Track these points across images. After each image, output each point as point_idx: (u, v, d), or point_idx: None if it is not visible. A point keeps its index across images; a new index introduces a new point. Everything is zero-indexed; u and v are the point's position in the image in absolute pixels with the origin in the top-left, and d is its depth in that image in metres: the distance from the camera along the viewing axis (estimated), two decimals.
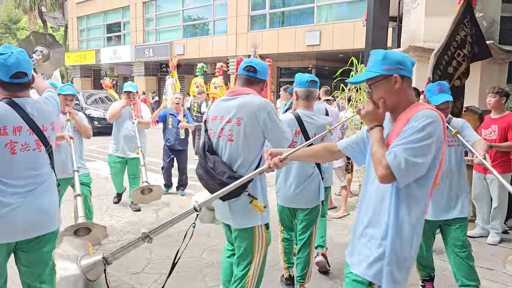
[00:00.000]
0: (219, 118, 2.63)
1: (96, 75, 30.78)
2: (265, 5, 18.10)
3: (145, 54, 23.23)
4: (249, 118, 2.53)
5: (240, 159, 2.57)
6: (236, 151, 2.57)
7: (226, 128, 2.59)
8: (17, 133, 2.25)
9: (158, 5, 23.28)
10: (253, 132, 2.55)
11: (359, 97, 6.28)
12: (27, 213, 2.27)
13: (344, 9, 16.05)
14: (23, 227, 2.27)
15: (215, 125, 2.66)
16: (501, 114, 4.67)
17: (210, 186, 2.52)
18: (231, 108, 2.59)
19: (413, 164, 1.66)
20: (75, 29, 29.08)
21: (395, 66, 1.78)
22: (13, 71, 2.19)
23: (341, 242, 4.81)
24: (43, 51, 3.73)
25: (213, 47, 19.95)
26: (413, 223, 1.77)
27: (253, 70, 2.65)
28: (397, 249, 1.75)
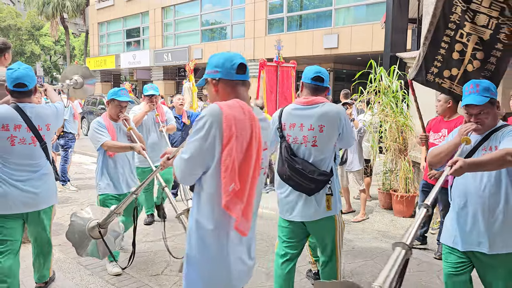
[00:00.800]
0: (298, 125, 2.91)
1: (116, 80, 31.26)
2: (282, 9, 18.12)
3: (164, 59, 23.49)
4: (331, 125, 2.85)
5: (322, 160, 2.88)
6: (321, 153, 2.88)
7: (309, 135, 2.86)
8: (16, 130, 2.94)
9: (177, 10, 23.54)
10: (332, 137, 2.89)
11: (377, 100, 6.24)
12: (24, 193, 3.01)
13: (362, 11, 15.94)
14: (22, 204, 3.01)
15: (295, 132, 2.92)
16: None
17: (302, 184, 2.84)
18: (310, 116, 2.87)
19: None
20: (95, 34, 29.62)
21: None
22: (15, 82, 2.94)
23: (362, 246, 4.77)
24: (78, 80, 4.26)
25: (231, 51, 20.04)
26: None
27: (321, 80, 2.95)
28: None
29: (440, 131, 4.39)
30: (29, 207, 3.07)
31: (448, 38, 3.29)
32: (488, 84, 2.51)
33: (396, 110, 6.03)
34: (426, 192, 4.62)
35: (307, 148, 2.87)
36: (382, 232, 5.32)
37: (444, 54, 3.33)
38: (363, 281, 3.82)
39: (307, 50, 16.84)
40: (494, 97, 2.48)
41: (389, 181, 6.25)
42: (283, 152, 2.94)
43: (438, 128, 4.41)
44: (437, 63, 3.40)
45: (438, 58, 3.37)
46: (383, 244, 4.86)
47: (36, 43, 39.23)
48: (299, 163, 2.85)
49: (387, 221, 5.80)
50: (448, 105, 4.24)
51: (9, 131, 2.91)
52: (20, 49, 37.48)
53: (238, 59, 2.00)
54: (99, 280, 3.74)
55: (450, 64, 3.32)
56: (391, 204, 6.14)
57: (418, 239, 4.72)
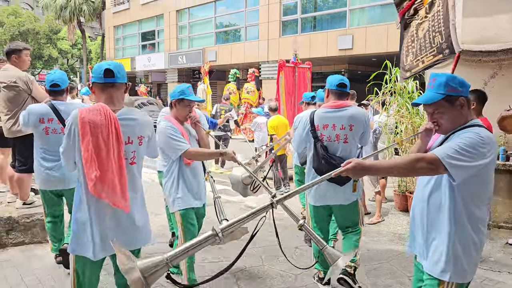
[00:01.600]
0: (330, 126, 3.43)
1: (131, 82, 31.58)
2: (296, 10, 18.09)
3: (178, 61, 23.67)
4: (358, 124, 3.43)
5: (350, 154, 3.45)
6: (350, 149, 3.47)
7: (341, 133, 3.41)
8: (50, 122, 3.74)
9: (191, 13, 23.70)
10: (358, 134, 3.47)
11: (393, 101, 6.18)
12: (57, 173, 3.74)
13: (377, 12, 15.82)
14: (57, 182, 3.77)
15: (328, 131, 3.44)
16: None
17: (339, 178, 3.06)
18: (341, 118, 3.40)
19: None
20: (111, 38, 30.01)
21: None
22: (51, 83, 3.75)
23: (377, 248, 4.73)
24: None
25: (245, 53, 20.10)
26: None
27: (345, 86, 3.47)
28: None
29: None
30: (60, 185, 3.81)
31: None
32: (446, 78, 2.08)
33: (412, 111, 5.96)
34: None
35: (339, 145, 3.42)
36: (398, 235, 5.26)
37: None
38: (378, 283, 3.78)
39: (321, 52, 16.77)
40: (452, 94, 2.07)
41: (405, 182, 6.18)
42: (319, 150, 3.41)
43: None
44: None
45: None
46: (399, 246, 4.80)
47: (53, 47, 39.86)
48: (335, 159, 3.35)
49: (403, 223, 5.73)
50: (472, 107, 4.19)
51: (44, 123, 3.72)
52: (38, 53, 38.13)
53: (106, 65, 2.37)
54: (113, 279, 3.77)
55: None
56: (407, 206, 6.06)
57: None
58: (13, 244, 4.52)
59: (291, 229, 5.33)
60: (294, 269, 4.03)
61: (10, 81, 4.46)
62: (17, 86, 4.47)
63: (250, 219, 2.16)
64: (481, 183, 2.03)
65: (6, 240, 4.49)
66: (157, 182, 5.41)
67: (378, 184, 5.87)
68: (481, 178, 2.02)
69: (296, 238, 4.95)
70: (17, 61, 4.62)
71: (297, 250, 4.59)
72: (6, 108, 4.58)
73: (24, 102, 4.55)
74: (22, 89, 4.50)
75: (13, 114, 4.55)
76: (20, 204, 4.75)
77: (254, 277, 3.88)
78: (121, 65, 2.46)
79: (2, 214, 4.53)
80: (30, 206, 4.75)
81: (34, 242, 4.59)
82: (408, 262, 4.28)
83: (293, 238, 4.97)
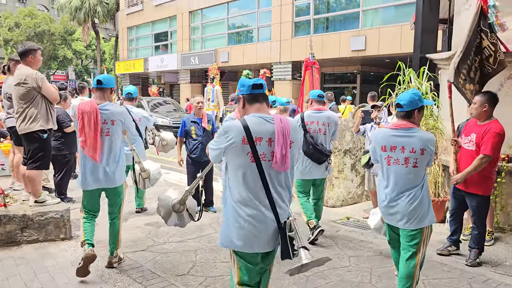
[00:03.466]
0: (315, 122, 4.84)
1: (144, 83, 31.82)
2: (309, 11, 18.03)
3: (191, 62, 23.76)
4: (332, 123, 4.90)
5: (327, 144, 4.91)
6: (327, 140, 4.90)
7: (322, 128, 4.83)
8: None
9: (204, 14, 23.78)
10: (332, 130, 4.92)
11: None
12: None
13: (391, 13, 15.67)
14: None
15: (314, 126, 4.84)
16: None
17: (320, 158, 4.80)
18: (322, 117, 4.86)
19: None
20: (125, 39, 30.27)
21: None
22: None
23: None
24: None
25: (257, 54, 20.09)
26: None
27: (323, 96, 5.04)
28: None
29: (470, 135, 4.29)
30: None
31: (470, 59, 4.48)
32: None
33: (426, 113, 5.88)
34: (457, 197, 4.50)
35: (322, 136, 4.84)
36: None
37: (467, 69, 4.45)
38: (391, 286, 3.74)
39: (334, 53, 16.68)
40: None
41: None
42: (308, 139, 4.77)
43: (469, 131, 4.34)
44: (464, 73, 4.42)
45: (464, 72, 4.42)
46: None
47: (68, 48, 40.38)
48: (319, 146, 4.78)
49: None
50: (483, 109, 4.19)
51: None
52: (54, 54, 38.66)
53: (97, 77, 3.95)
54: (126, 278, 3.80)
55: (468, 80, 4.49)
56: None
57: (453, 245, 4.58)
58: (27, 241, 4.58)
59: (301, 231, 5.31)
60: None
61: (20, 79, 4.54)
62: (26, 84, 4.53)
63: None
64: None
65: (21, 237, 4.56)
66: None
67: None
68: None
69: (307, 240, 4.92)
70: (32, 60, 4.69)
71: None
72: (17, 105, 4.65)
73: (33, 99, 4.61)
74: (31, 87, 4.56)
75: (22, 112, 4.62)
76: (32, 202, 4.82)
77: None
78: (109, 77, 4.08)
79: (17, 212, 4.59)
80: (42, 204, 4.81)
81: (48, 240, 4.65)
82: None
83: (304, 239, 4.94)
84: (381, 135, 3.33)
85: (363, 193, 6.96)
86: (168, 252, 4.46)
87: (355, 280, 3.85)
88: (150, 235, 4.97)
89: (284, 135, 2.43)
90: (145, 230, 5.20)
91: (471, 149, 4.25)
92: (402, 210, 3.17)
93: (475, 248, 4.30)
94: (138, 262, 4.15)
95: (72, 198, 6.44)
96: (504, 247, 4.80)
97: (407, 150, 3.16)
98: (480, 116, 4.24)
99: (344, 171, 6.79)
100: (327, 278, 3.85)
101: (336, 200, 6.74)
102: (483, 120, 4.24)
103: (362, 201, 6.89)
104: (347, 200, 6.81)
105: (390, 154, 3.22)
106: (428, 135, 3.28)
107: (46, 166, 5.00)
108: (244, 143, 2.40)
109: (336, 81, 21.20)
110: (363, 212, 6.22)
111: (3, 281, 3.70)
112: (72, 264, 4.06)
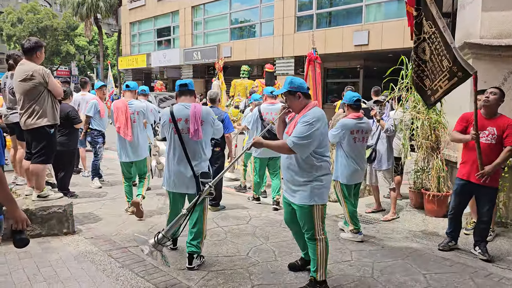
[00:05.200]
0: (269, 113, 5.97)
1: (147, 78, 31.83)
2: (312, 6, 17.95)
3: (193, 57, 23.72)
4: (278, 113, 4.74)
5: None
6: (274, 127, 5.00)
7: (275, 117, 4.43)
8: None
9: (206, 9, 23.71)
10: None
11: (409, 97, 6.08)
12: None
13: (394, 7, 15.57)
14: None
15: (268, 116, 5.97)
16: None
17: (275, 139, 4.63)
18: (274, 109, 5.91)
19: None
20: (127, 34, 30.23)
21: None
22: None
23: (391, 245, 4.67)
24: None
25: (260, 49, 20.04)
26: None
27: (273, 92, 6.29)
28: None
29: (487, 129, 4.28)
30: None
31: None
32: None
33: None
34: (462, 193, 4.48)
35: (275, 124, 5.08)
36: (413, 232, 5.19)
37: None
38: (393, 280, 3.74)
39: (337, 48, 16.61)
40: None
41: (421, 180, 6.09)
42: (264, 126, 5.77)
43: (483, 126, 4.29)
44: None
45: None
46: (413, 244, 4.74)
47: (71, 43, 40.38)
48: (272, 131, 4.99)
49: (419, 220, 5.66)
50: (499, 102, 4.27)
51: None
52: (56, 49, 38.66)
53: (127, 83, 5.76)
54: (129, 272, 3.82)
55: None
56: (422, 204, 5.98)
57: (453, 240, 4.57)
58: (30, 236, 4.57)
59: None
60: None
61: (27, 74, 4.53)
62: (33, 79, 4.54)
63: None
64: None
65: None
66: None
67: (393, 181, 5.80)
68: None
69: None
70: (39, 56, 4.71)
71: None
72: (22, 101, 4.65)
73: (40, 95, 4.62)
74: (38, 82, 4.56)
75: (28, 107, 4.63)
76: (35, 197, 4.83)
77: (267, 272, 3.87)
78: (135, 83, 5.87)
79: (20, 207, 4.58)
80: (45, 199, 4.82)
81: (50, 234, 4.67)
82: (423, 260, 4.23)
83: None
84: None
85: (365, 188, 6.94)
86: (171, 246, 4.47)
87: (357, 275, 3.85)
88: (153, 230, 4.99)
89: (196, 116, 3.85)
90: (148, 224, 5.22)
91: (491, 143, 4.25)
92: None
93: (484, 241, 4.35)
94: (141, 256, 4.16)
95: (75, 193, 6.47)
96: (506, 242, 4.79)
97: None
98: (493, 109, 4.28)
99: None
100: (329, 273, 3.84)
101: None
102: (492, 115, 4.28)
103: (364, 196, 6.88)
104: None
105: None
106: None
107: (51, 160, 5.04)
108: (170, 122, 3.91)
109: (339, 76, 21.12)
110: (365, 207, 6.22)
111: (6, 275, 3.73)
112: (74, 258, 4.08)
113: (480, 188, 4.30)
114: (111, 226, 5.15)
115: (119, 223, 5.28)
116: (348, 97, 4.77)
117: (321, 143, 3.33)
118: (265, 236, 4.88)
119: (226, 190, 6.98)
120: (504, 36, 5.16)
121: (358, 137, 4.65)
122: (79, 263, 3.99)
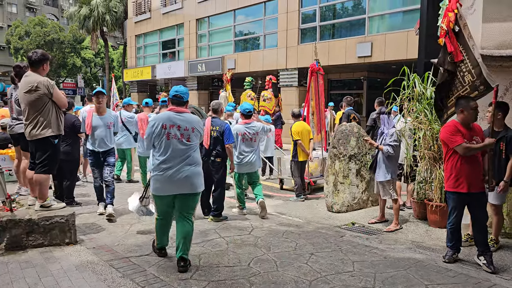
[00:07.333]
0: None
1: (152, 90, 32.05)
2: (315, 18, 18.08)
3: (198, 69, 23.89)
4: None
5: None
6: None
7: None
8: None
9: (211, 22, 23.95)
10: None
11: (411, 107, 6.09)
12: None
13: (397, 19, 15.65)
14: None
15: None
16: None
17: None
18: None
19: None
20: (133, 46, 30.55)
21: None
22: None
23: (394, 256, 4.64)
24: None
25: (264, 61, 20.16)
26: None
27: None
28: None
29: (473, 138, 4.39)
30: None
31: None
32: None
33: (431, 118, 5.86)
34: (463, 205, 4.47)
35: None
36: (416, 243, 5.16)
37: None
38: None
39: (340, 59, 16.69)
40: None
41: (424, 190, 6.07)
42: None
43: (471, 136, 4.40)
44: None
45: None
46: (416, 254, 4.71)
47: (77, 56, 40.86)
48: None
49: (422, 231, 5.62)
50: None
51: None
52: (63, 62, 39.12)
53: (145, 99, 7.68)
54: (129, 282, 3.81)
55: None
56: (425, 214, 5.95)
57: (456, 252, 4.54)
58: (33, 246, 4.61)
59: (306, 236, 5.30)
60: (308, 275, 4.00)
61: (31, 86, 4.60)
62: (38, 90, 4.60)
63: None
64: None
65: (26, 242, 4.59)
66: None
67: (392, 192, 5.76)
68: None
69: (312, 245, 4.91)
70: (45, 68, 4.82)
71: (313, 256, 4.55)
72: (26, 112, 4.72)
73: (45, 106, 4.68)
74: (43, 93, 4.63)
75: (33, 118, 4.68)
76: (38, 207, 4.86)
77: (268, 282, 3.85)
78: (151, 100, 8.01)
79: (23, 217, 4.63)
80: (47, 209, 4.85)
81: (52, 244, 4.68)
82: (426, 270, 4.19)
83: (309, 244, 4.93)
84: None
85: (368, 198, 6.93)
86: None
87: (358, 285, 3.82)
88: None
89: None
90: (149, 235, 5.22)
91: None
92: None
93: (489, 249, 4.35)
94: (142, 267, 4.16)
95: (79, 202, 6.51)
96: (510, 253, 4.74)
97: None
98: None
99: (349, 177, 6.77)
100: (330, 283, 3.82)
101: (341, 206, 6.71)
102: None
103: (368, 206, 6.86)
104: (352, 205, 6.78)
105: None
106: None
107: (54, 170, 5.10)
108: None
109: (343, 87, 21.17)
110: (368, 217, 6.19)
111: (8, 284, 3.73)
112: (76, 268, 4.08)
113: (476, 195, 4.36)
114: (113, 236, 5.16)
115: (121, 233, 5.29)
116: (242, 108, 6.57)
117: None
118: (267, 246, 4.86)
119: (228, 201, 6.99)
120: (505, 46, 5.18)
121: (246, 138, 6.38)
122: (80, 273, 3.99)
